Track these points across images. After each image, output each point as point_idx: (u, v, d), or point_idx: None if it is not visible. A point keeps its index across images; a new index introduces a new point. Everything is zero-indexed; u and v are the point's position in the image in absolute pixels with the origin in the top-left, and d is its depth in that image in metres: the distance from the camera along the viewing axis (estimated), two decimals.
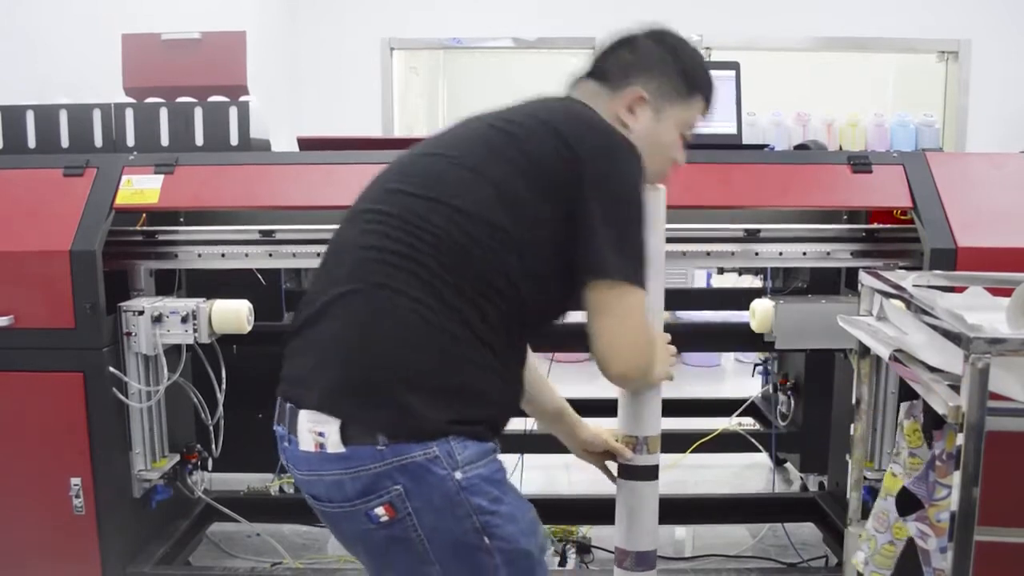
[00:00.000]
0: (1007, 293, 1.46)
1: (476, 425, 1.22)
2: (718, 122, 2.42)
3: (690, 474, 3.32)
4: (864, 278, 1.86)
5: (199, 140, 2.43)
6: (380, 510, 1.18)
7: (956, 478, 1.34)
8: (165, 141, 2.43)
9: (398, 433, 1.17)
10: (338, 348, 1.21)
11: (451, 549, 1.21)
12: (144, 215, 2.39)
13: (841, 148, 2.85)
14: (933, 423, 1.65)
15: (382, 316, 1.20)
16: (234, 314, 2.25)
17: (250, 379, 2.23)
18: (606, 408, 1.74)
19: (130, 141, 2.42)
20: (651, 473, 1.49)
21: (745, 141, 2.50)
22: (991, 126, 5.40)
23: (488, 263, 1.22)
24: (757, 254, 2.30)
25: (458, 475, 1.18)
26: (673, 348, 1.47)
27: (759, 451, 3.07)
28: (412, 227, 1.22)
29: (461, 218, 1.22)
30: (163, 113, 2.43)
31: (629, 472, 1.49)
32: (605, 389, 1.49)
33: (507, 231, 1.23)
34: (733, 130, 2.42)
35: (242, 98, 2.47)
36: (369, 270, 1.22)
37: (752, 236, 2.29)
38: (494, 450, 1.26)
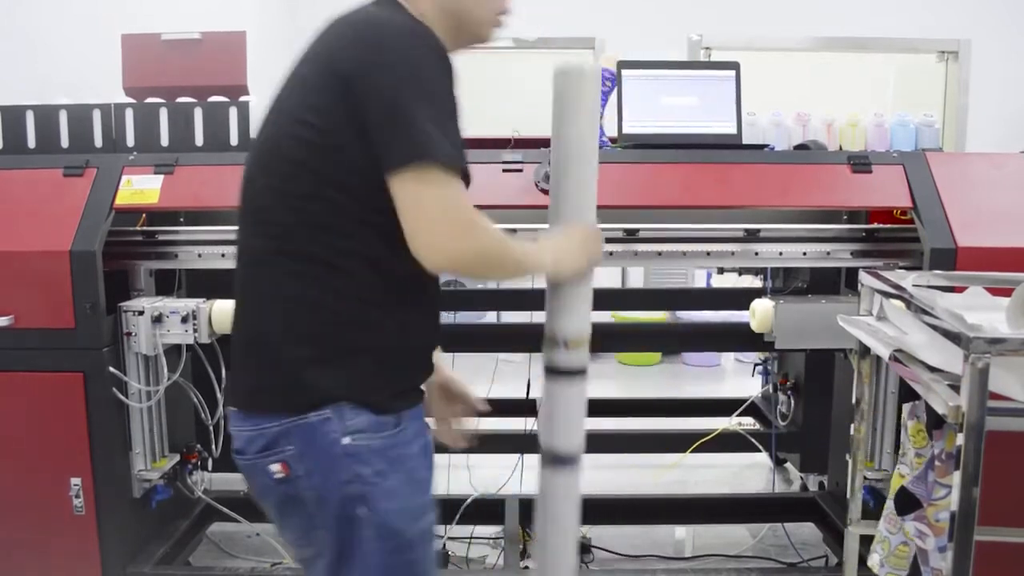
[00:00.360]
0: (1007, 293, 1.46)
1: (372, 389, 1.24)
2: (718, 122, 2.42)
3: (690, 474, 3.32)
4: (864, 278, 1.86)
5: (199, 140, 2.43)
6: (276, 467, 1.25)
7: (956, 478, 1.34)
8: (165, 141, 2.43)
9: (297, 410, 1.23)
10: (235, 357, 1.35)
11: (333, 515, 1.24)
12: (144, 215, 2.40)
13: (841, 148, 2.83)
14: (933, 423, 1.65)
15: (254, 315, 1.30)
16: None
17: None
18: (598, 408, 1.74)
19: (130, 141, 2.42)
20: (570, 374, 1.42)
21: (745, 141, 2.50)
22: (991, 126, 5.41)
23: (327, 224, 1.21)
24: (757, 254, 2.30)
25: (345, 440, 1.22)
26: (601, 236, 1.42)
27: (759, 451, 3.07)
28: (258, 220, 1.28)
29: (286, 186, 1.22)
30: (163, 113, 2.43)
31: (550, 371, 1.44)
32: (598, 390, 1.47)
33: (331, 186, 1.19)
34: (733, 130, 2.42)
35: (242, 98, 2.47)
36: (242, 276, 1.32)
37: (752, 236, 2.29)
38: (394, 424, 1.26)
